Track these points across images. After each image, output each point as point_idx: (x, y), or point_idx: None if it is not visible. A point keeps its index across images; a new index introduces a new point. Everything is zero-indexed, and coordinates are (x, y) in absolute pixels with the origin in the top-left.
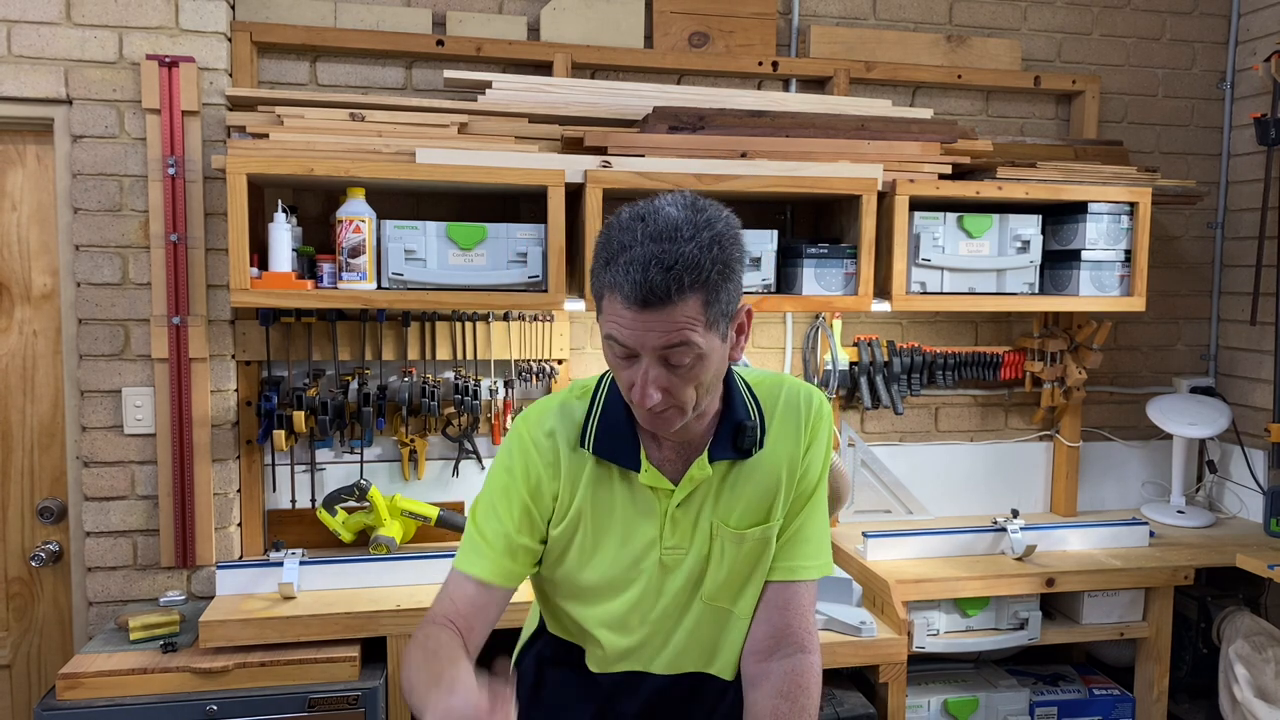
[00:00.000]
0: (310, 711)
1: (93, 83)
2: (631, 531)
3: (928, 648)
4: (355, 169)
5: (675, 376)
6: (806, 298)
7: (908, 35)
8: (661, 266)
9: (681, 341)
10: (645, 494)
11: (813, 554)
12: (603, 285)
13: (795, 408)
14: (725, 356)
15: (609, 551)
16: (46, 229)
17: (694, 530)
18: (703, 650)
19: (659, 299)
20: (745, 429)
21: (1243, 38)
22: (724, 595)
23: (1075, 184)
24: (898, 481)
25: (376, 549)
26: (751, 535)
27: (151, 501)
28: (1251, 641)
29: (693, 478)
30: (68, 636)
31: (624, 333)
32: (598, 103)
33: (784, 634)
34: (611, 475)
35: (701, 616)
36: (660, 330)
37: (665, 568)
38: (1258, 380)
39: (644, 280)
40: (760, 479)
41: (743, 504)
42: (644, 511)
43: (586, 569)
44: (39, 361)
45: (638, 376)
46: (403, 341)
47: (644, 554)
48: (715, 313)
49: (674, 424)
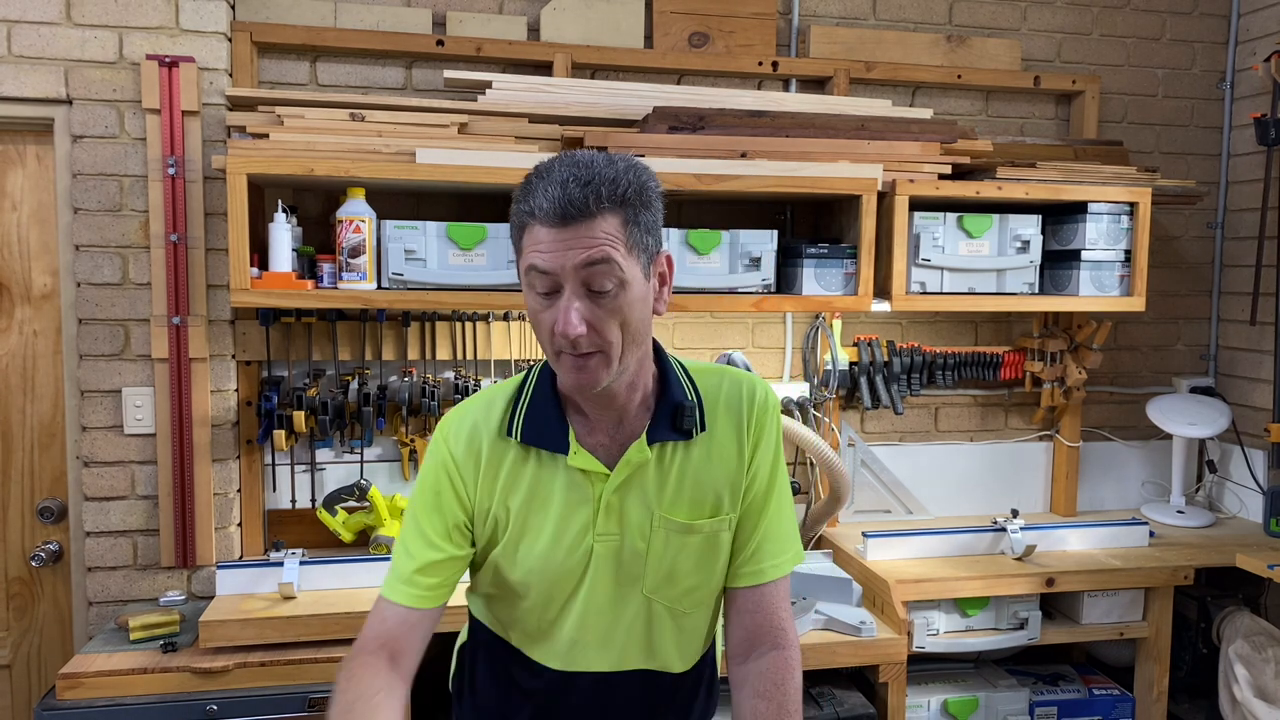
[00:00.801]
0: (310, 711)
1: (93, 83)
2: (565, 520)
3: (928, 647)
4: (355, 169)
5: (599, 308)
6: (806, 298)
7: (908, 35)
8: (579, 182)
9: (603, 258)
10: (577, 479)
11: (778, 551)
12: (522, 216)
13: (737, 399)
14: (648, 300)
15: (540, 543)
16: (46, 229)
17: (630, 517)
18: (646, 646)
19: (578, 211)
20: (684, 409)
21: (1243, 38)
22: (669, 591)
23: (1075, 184)
24: (898, 481)
25: (376, 549)
26: (699, 528)
27: (151, 501)
28: (1251, 641)
29: (630, 461)
30: (68, 636)
31: (544, 257)
32: (598, 103)
33: (757, 635)
34: (541, 463)
35: (643, 612)
36: (581, 247)
37: (599, 557)
38: (1258, 380)
39: (562, 196)
40: (705, 469)
41: (688, 494)
42: (577, 499)
43: (516, 562)
44: (39, 361)
45: (558, 314)
46: (403, 341)
47: (577, 543)
48: (635, 236)
49: (599, 376)
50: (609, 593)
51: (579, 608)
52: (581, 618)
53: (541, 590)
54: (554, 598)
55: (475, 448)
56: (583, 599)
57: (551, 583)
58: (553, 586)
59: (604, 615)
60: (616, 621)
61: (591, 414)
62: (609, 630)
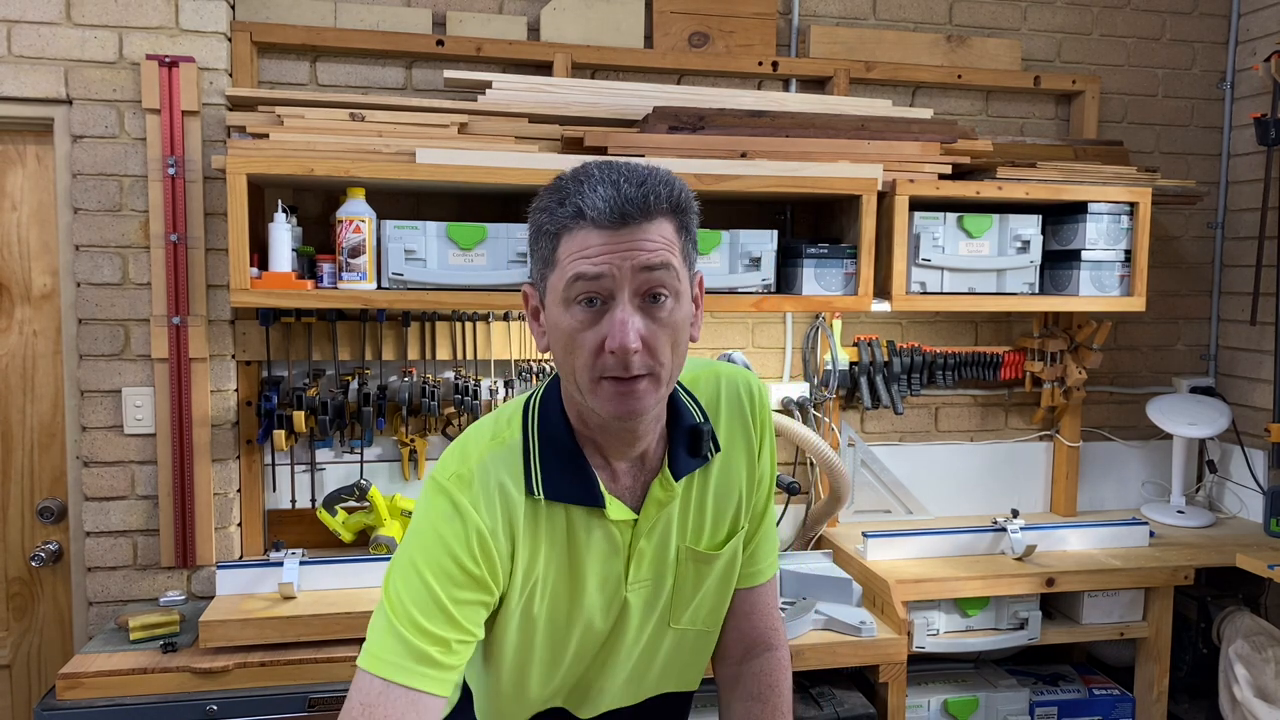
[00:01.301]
0: (310, 711)
1: (93, 83)
2: (596, 578)
3: (928, 648)
4: (355, 169)
5: (654, 323)
6: (806, 298)
7: (908, 35)
8: (633, 183)
9: (663, 263)
10: (608, 530)
11: (770, 550)
12: (561, 221)
13: (738, 403)
14: (689, 322)
15: (575, 605)
16: (46, 229)
17: (660, 558)
18: (670, 673)
19: (638, 211)
20: (700, 432)
21: (1243, 38)
22: (696, 616)
23: (1075, 184)
24: (898, 481)
25: (376, 549)
26: (724, 555)
27: (151, 501)
28: (1251, 641)
29: (658, 500)
30: (68, 636)
31: (595, 263)
32: (598, 103)
33: (752, 637)
34: (563, 517)
35: (672, 644)
36: (640, 249)
37: (633, 607)
38: (1258, 380)
39: (618, 195)
40: (721, 490)
41: (710, 520)
42: (609, 551)
43: (535, 627)
44: (39, 361)
45: (611, 326)
46: (403, 341)
47: (612, 597)
48: (686, 247)
49: (647, 403)
50: (639, 636)
51: (606, 658)
52: (611, 668)
53: (574, 648)
54: (583, 654)
55: (495, 501)
56: (613, 648)
57: (585, 640)
58: (586, 645)
59: (636, 660)
60: (649, 662)
61: (611, 454)
62: (641, 671)
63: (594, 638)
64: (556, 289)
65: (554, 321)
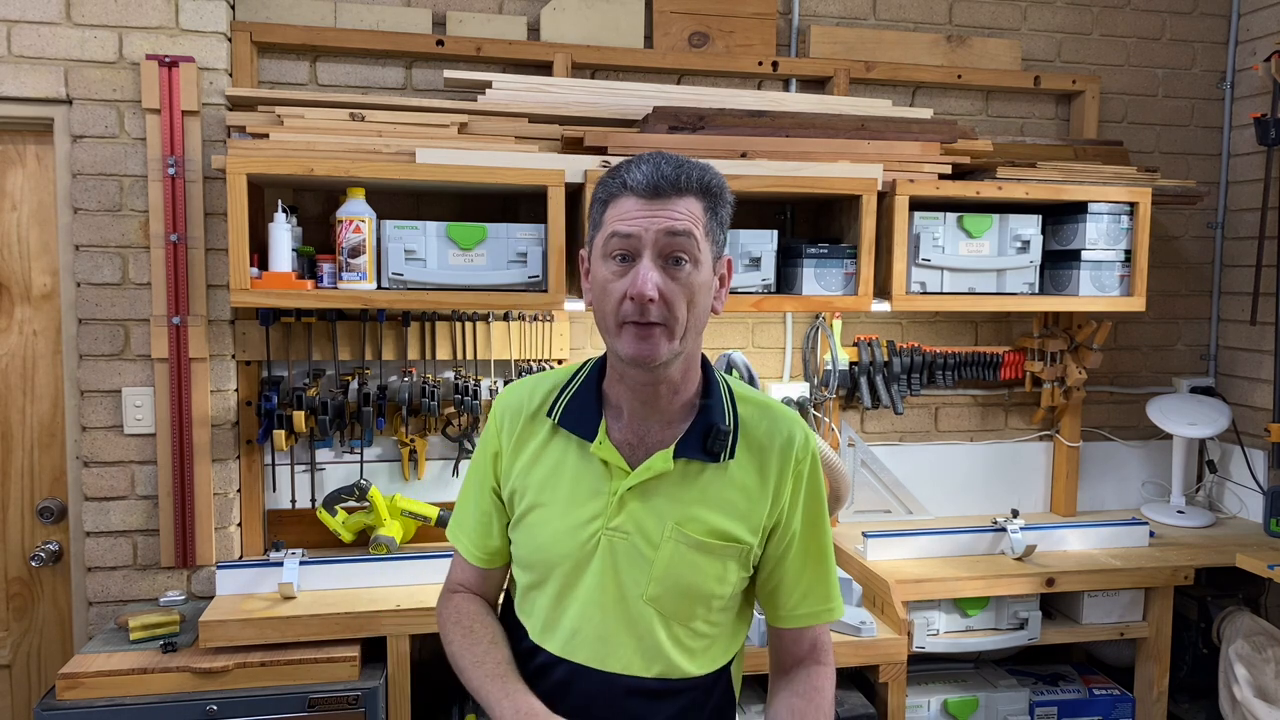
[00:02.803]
0: (310, 711)
1: (93, 83)
2: (577, 504)
3: (928, 648)
4: (355, 169)
5: (672, 280)
6: (806, 298)
7: (908, 35)
8: (672, 164)
9: (684, 230)
10: (597, 469)
11: (830, 597)
12: (611, 189)
13: (770, 442)
14: (710, 292)
15: (551, 520)
16: (46, 229)
17: (644, 521)
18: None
19: (670, 186)
20: (718, 433)
21: (1243, 38)
22: (672, 604)
23: (1075, 184)
24: (898, 481)
25: (376, 549)
26: (711, 547)
27: (151, 501)
28: (1251, 641)
29: (651, 467)
30: (68, 636)
31: (629, 225)
32: (598, 103)
33: (804, 656)
34: (567, 446)
35: (642, 618)
36: (665, 217)
37: (605, 550)
38: (1258, 380)
39: (655, 172)
40: (728, 494)
41: (707, 513)
42: (593, 488)
43: (529, 536)
44: (39, 361)
45: (635, 278)
46: (403, 341)
47: (586, 529)
48: (711, 227)
49: (660, 349)
50: (612, 592)
51: (581, 596)
52: (583, 608)
53: (547, 569)
54: (559, 580)
55: (515, 420)
56: (586, 588)
57: (556, 563)
58: (557, 568)
59: (605, 612)
60: (616, 621)
61: (630, 409)
62: (606, 628)
63: (565, 560)
64: (599, 246)
65: (595, 274)
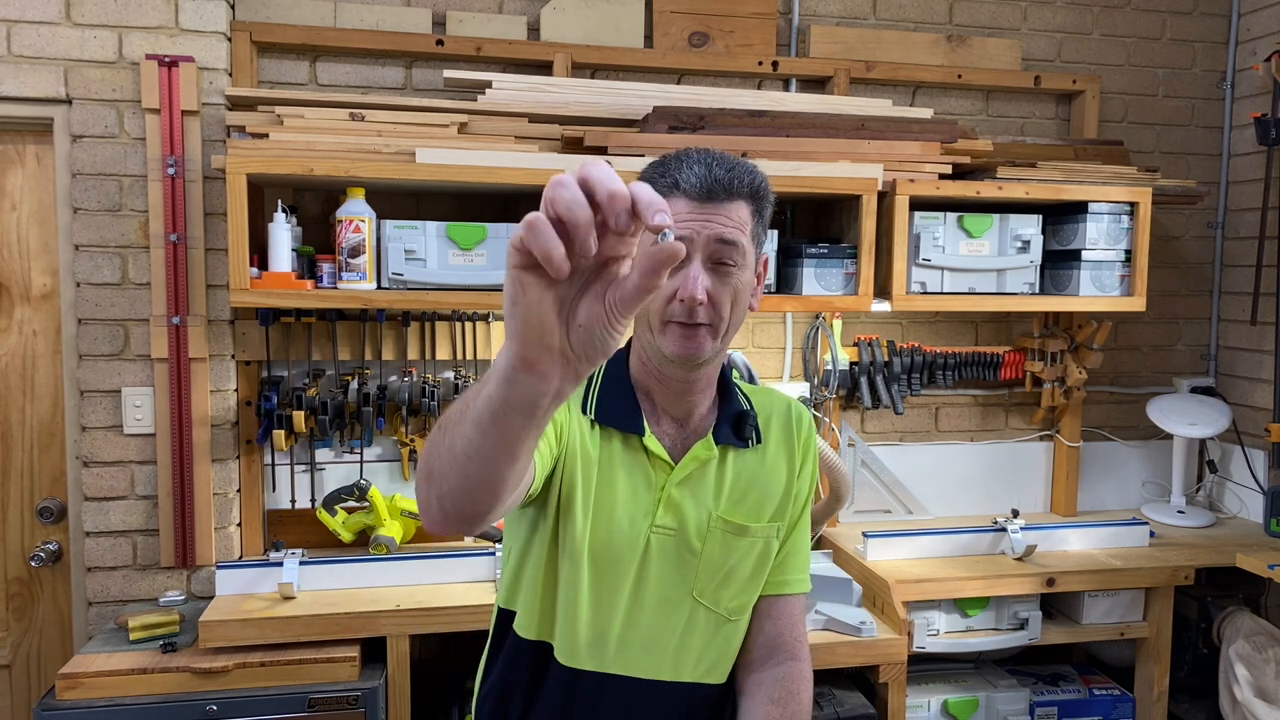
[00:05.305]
0: (310, 711)
1: (93, 83)
2: (628, 501)
3: (928, 648)
4: (355, 169)
5: (720, 283)
6: (806, 298)
7: (908, 35)
8: (724, 166)
9: (734, 241)
10: (643, 464)
11: (802, 567)
12: (661, 189)
13: (787, 420)
14: (750, 291)
15: (604, 518)
16: (46, 229)
17: (688, 515)
18: (684, 654)
19: (722, 190)
20: (746, 416)
21: (1243, 38)
22: (718, 596)
23: (1075, 184)
24: (898, 481)
25: (376, 549)
26: (754, 531)
27: (151, 501)
28: (1252, 641)
29: (696, 456)
30: (68, 636)
31: (681, 227)
32: (598, 102)
33: (776, 644)
34: (611, 442)
35: (688, 616)
36: (718, 223)
37: (655, 550)
38: (1258, 380)
39: (709, 175)
40: (760, 476)
41: (744, 498)
42: (641, 484)
43: (581, 532)
44: (39, 361)
45: (685, 280)
46: (403, 341)
47: (636, 527)
48: (757, 229)
49: (704, 348)
50: (660, 592)
51: (627, 602)
52: (630, 614)
53: (599, 568)
54: (609, 582)
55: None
56: (633, 592)
57: (609, 563)
58: (609, 568)
59: (653, 615)
60: (664, 623)
61: (662, 403)
62: (656, 632)
63: (617, 560)
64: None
65: None
